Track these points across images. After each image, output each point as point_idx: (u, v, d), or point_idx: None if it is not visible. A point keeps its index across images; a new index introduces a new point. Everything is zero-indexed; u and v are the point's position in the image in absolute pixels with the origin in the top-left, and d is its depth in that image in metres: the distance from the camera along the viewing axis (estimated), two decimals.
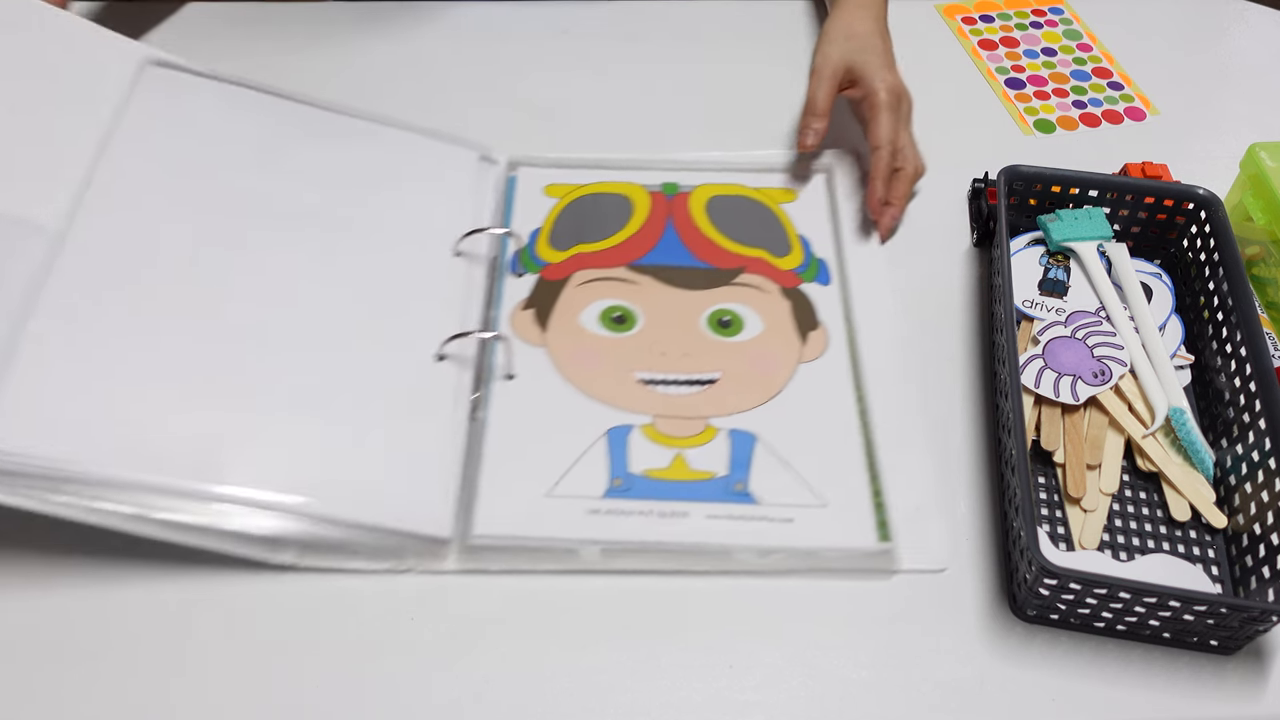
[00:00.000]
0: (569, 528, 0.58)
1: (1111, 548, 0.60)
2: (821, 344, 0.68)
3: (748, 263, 0.72)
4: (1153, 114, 0.87)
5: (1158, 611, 0.54)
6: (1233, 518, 0.61)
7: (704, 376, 0.66)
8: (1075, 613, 0.56)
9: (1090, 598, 0.54)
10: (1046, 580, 0.54)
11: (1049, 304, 0.69)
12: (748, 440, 0.63)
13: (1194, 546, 0.61)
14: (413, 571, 0.58)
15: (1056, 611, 0.56)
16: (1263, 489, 0.59)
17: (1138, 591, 0.53)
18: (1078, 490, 0.61)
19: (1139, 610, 0.54)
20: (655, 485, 0.60)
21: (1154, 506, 0.62)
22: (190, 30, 0.87)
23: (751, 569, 0.58)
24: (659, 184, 0.76)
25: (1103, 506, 0.61)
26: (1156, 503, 0.62)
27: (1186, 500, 0.62)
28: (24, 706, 0.53)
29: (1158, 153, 0.78)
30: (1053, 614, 0.56)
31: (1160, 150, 0.79)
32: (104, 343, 0.57)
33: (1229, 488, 0.62)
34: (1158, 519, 0.62)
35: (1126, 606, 0.54)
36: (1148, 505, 0.62)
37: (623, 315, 0.68)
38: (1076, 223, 0.71)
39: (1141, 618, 0.55)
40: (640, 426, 0.63)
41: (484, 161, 0.76)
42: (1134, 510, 0.62)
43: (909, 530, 0.60)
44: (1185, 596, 0.53)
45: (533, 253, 0.71)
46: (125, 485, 0.53)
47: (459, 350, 0.64)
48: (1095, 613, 0.55)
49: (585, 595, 0.57)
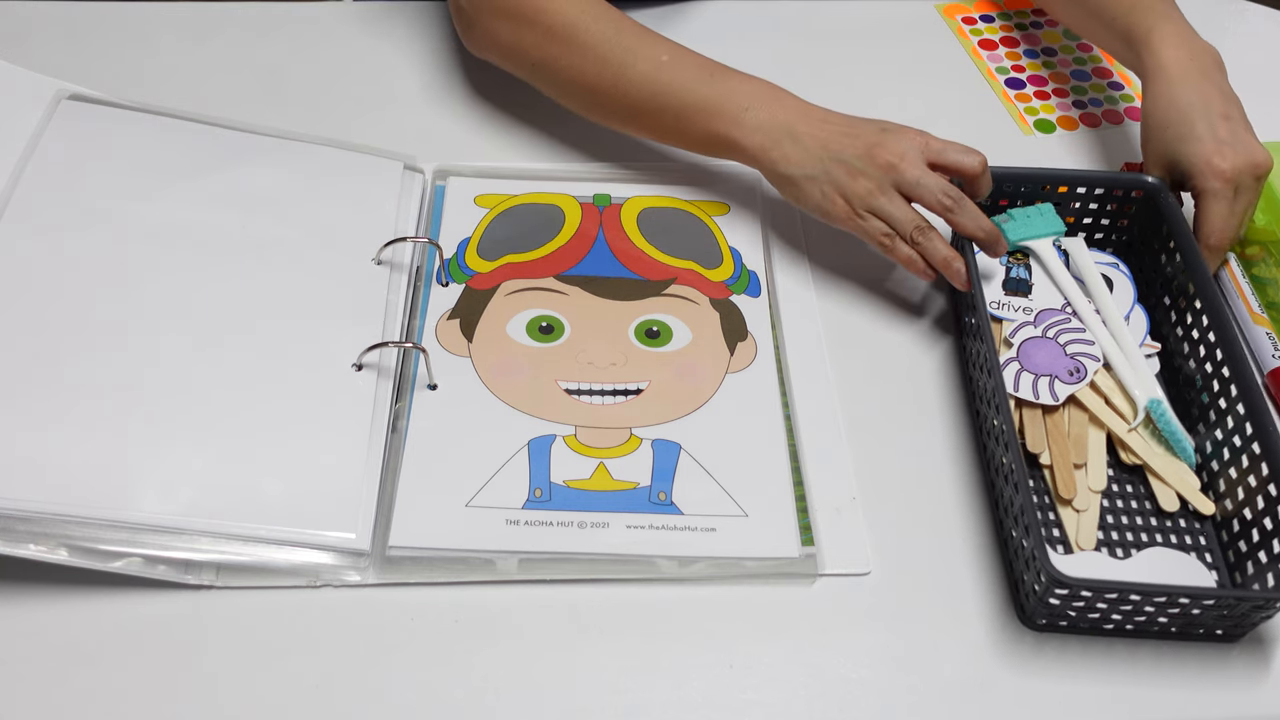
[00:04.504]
0: (487, 539, 0.58)
1: (1107, 545, 0.61)
2: (750, 355, 0.68)
3: (678, 274, 0.72)
4: None
5: (1167, 609, 0.55)
6: (1219, 503, 0.62)
7: (630, 386, 0.65)
8: (1085, 618, 0.56)
9: (1101, 602, 0.54)
10: (1057, 590, 0.54)
11: (1015, 304, 0.69)
12: (672, 450, 0.62)
13: (1185, 535, 0.62)
14: (330, 585, 0.57)
15: (1065, 618, 0.56)
16: (1248, 474, 0.59)
17: (1148, 593, 0.53)
18: (1068, 491, 0.61)
19: (1148, 610, 0.55)
20: (576, 496, 0.60)
21: (1141, 499, 0.63)
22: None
23: (674, 577, 0.58)
24: (591, 195, 0.76)
25: (1094, 505, 0.61)
26: (1144, 495, 0.63)
27: (1173, 490, 0.62)
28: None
29: None
30: (1061, 620, 0.57)
31: None
32: (12, 376, 0.58)
33: (1211, 473, 0.63)
34: (1146, 511, 0.62)
35: (1136, 607, 0.55)
36: (1135, 498, 0.63)
37: (550, 325, 0.68)
38: (1029, 220, 0.71)
39: (1150, 616, 0.56)
40: (563, 437, 0.62)
41: (409, 171, 0.75)
42: (1122, 505, 0.63)
43: (832, 536, 0.60)
44: (1195, 593, 0.54)
45: (461, 262, 0.71)
46: (36, 518, 0.53)
47: (378, 360, 0.64)
48: (1105, 616, 0.56)
49: (584, 595, 0.57)
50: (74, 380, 0.59)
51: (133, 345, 0.61)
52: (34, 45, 0.84)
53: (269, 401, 0.61)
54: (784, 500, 0.60)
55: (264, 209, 0.69)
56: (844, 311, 0.72)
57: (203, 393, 0.60)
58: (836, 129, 0.68)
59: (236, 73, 0.84)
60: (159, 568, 0.55)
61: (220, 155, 0.72)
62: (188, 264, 0.65)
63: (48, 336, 0.60)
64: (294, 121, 0.77)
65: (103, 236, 0.65)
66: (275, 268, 0.67)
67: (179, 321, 0.63)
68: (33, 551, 0.53)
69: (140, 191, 0.68)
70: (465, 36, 0.78)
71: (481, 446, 0.61)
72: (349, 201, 0.71)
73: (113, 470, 0.56)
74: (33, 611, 0.55)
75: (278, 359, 0.62)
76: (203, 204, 0.68)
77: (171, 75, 0.83)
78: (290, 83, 0.83)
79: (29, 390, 0.58)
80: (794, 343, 0.69)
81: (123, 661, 0.54)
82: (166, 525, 0.55)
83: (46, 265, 0.63)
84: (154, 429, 0.58)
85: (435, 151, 0.78)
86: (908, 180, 0.66)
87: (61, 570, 0.54)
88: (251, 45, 0.86)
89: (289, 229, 0.69)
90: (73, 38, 0.85)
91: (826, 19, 0.94)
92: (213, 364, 0.61)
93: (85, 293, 0.62)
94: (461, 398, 0.64)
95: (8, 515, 0.53)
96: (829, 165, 0.68)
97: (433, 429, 0.62)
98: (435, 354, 0.65)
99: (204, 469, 0.57)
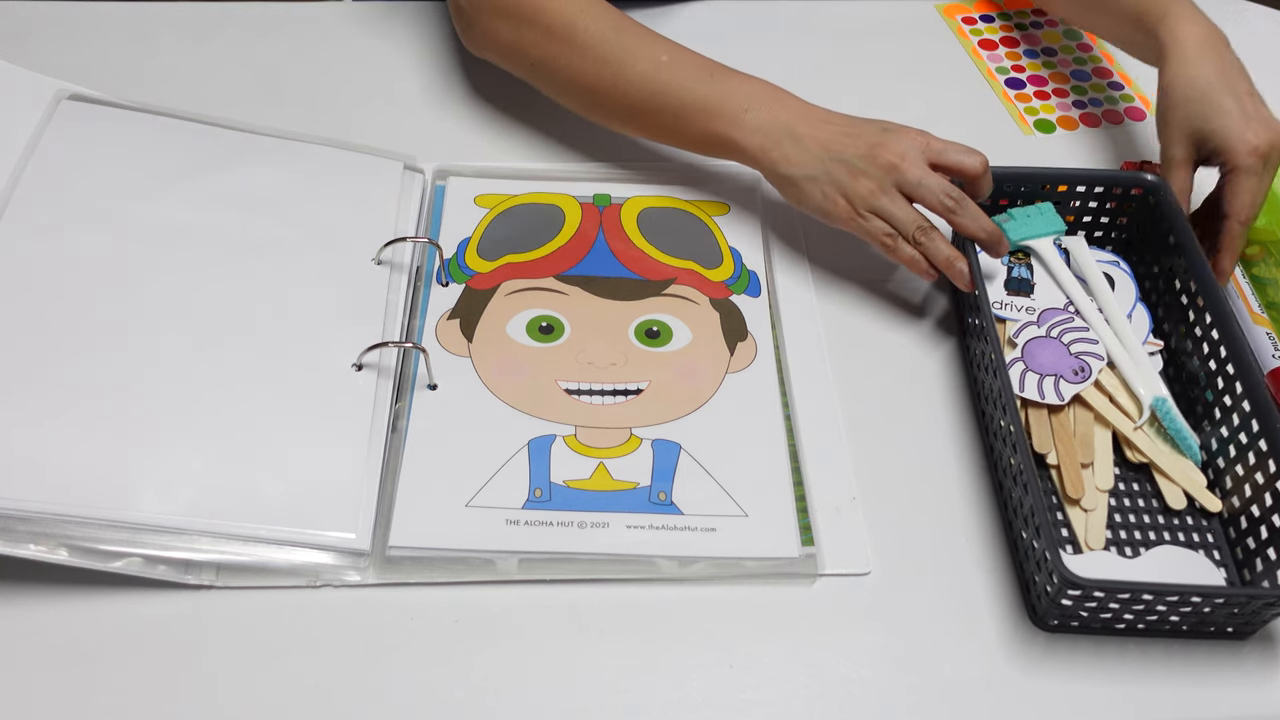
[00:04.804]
0: (487, 539, 0.58)
1: (1115, 544, 0.61)
2: (750, 355, 0.68)
3: (678, 274, 0.71)
4: (1153, 114, 0.86)
5: (1179, 608, 0.55)
6: (1226, 500, 0.62)
7: (630, 386, 0.65)
8: (1097, 618, 0.56)
9: (1113, 603, 0.54)
10: (1070, 591, 0.54)
11: (1018, 304, 0.69)
12: (672, 450, 0.62)
13: (1192, 533, 0.62)
14: (330, 585, 0.57)
15: (1077, 619, 0.56)
16: (1255, 470, 0.59)
17: (1161, 592, 0.53)
18: (1076, 491, 0.61)
19: (1160, 609, 0.55)
20: (576, 496, 0.60)
21: (1148, 497, 0.63)
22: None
23: (674, 577, 0.58)
24: (590, 195, 0.76)
25: (1101, 504, 0.61)
26: (1150, 493, 0.63)
27: (1180, 488, 0.62)
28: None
29: (1157, 152, 0.78)
30: (1073, 621, 0.57)
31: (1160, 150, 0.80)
32: (13, 375, 0.58)
33: (1218, 470, 0.63)
34: (1154, 509, 0.62)
35: (1149, 607, 0.55)
36: (1142, 496, 0.63)
37: (550, 325, 0.68)
38: (1030, 220, 0.71)
39: (1162, 615, 0.56)
40: (562, 437, 0.62)
41: (409, 171, 0.75)
42: (1129, 503, 0.63)
43: (832, 536, 0.60)
44: (1208, 592, 0.54)
45: (460, 262, 0.71)
46: (36, 518, 0.53)
47: (378, 360, 0.64)
48: (1117, 616, 0.56)
49: (584, 595, 0.57)
50: (74, 380, 0.59)
51: (133, 345, 0.61)
52: (34, 45, 0.84)
53: (269, 401, 0.60)
54: (784, 500, 0.60)
55: (264, 209, 0.69)
56: (844, 312, 0.72)
57: (203, 393, 0.60)
58: (837, 129, 0.68)
59: (236, 73, 0.84)
60: (159, 568, 0.55)
61: (220, 155, 0.72)
62: (188, 264, 0.65)
63: (48, 336, 0.60)
64: (294, 121, 0.77)
65: (103, 236, 0.65)
66: (275, 268, 0.67)
67: (179, 321, 0.63)
68: (33, 551, 0.53)
69: (140, 191, 0.68)
70: (465, 36, 0.78)
71: (481, 446, 0.61)
72: (349, 201, 0.71)
73: (113, 470, 0.56)
74: (33, 611, 0.55)
75: (278, 359, 0.62)
76: (203, 204, 0.68)
77: (171, 75, 0.83)
78: (290, 83, 0.83)
79: (29, 390, 0.58)
80: (794, 343, 0.69)
81: (123, 661, 0.54)
82: (166, 525, 0.55)
83: (46, 265, 0.63)
84: (154, 429, 0.58)
85: (435, 151, 0.78)
86: (909, 180, 0.66)
87: (61, 570, 0.54)
88: (251, 45, 0.86)
89: (289, 229, 0.69)
90: (73, 38, 0.85)
91: (826, 19, 0.94)
92: (213, 364, 0.61)
93: (85, 293, 0.62)
94: (461, 398, 0.63)
95: (8, 515, 0.53)
96: (830, 166, 0.67)
97: (433, 429, 0.62)
98: (435, 354, 0.65)
99: (204, 469, 0.57)
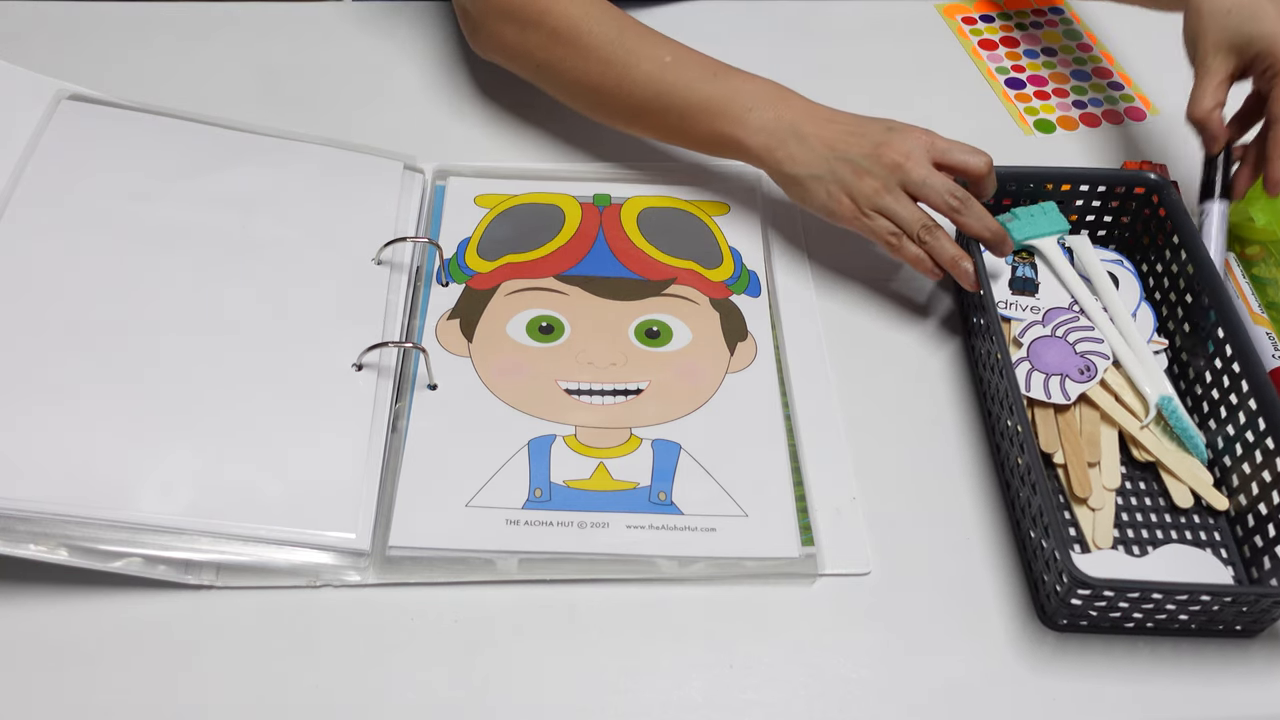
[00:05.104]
0: (487, 539, 0.58)
1: (1123, 543, 0.61)
2: (750, 355, 0.68)
3: (678, 274, 0.71)
4: (1153, 114, 0.87)
5: (1189, 606, 0.55)
6: (1233, 498, 0.62)
7: (630, 386, 0.65)
8: (1106, 617, 0.56)
9: (1123, 601, 0.55)
10: (1080, 591, 0.54)
11: (1023, 303, 0.69)
12: (672, 450, 0.62)
13: (1199, 531, 0.62)
14: (330, 585, 0.57)
15: (1087, 618, 0.56)
16: (1262, 469, 0.60)
17: (1170, 591, 0.53)
18: (1084, 490, 0.61)
19: (1169, 608, 0.55)
20: (576, 496, 0.60)
21: (1155, 496, 0.63)
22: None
23: (673, 577, 0.58)
24: (591, 195, 0.76)
25: (1109, 503, 0.61)
26: (1157, 492, 0.63)
27: (1187, 486, 0.62)
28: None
29: (1158, 152, 0.79)
30: (1082, 620, 0.57)
31: (1160, 150, 0.80)
32: (13, 375, 0.58)
33: (1224, 469, 0.63)
34: (1160, 508, 0.63)
35: (1158, 605, 0.55)
36: (1149, 495, 0.63)
37: (550, 325, 0.68)
38: (1033, 219, 0.71)
39: (1171, 614, 0.56)
40: (562, 437, 0.62)
41: (409, 171, 0.75)
42: (1136, 502, 0.63)
43: (832, 536, 0.60)
44: (1218, 590, 0.54)
45: (460, 262, 0.71)
46: (36, 518, 0.53)
47: (378, 360, 0.64)
48: (1126, 615, 0.56)
49: (584, 595, 0.57)
50: (74, 380, 0.59)
51: (132, 345, 0.61)
52: (34, 45, 0.84)
53: (269, 401, 0.60)
54: (784, 500, 0.60)
55: (264, 209, 0.69)
56: (847, 311, 0.72)
57: (203, 392, 0.60)
58: (842, 128, 0.68)
59: (236, 73, 0.84)
60: (159, 568, 0.55)
61: (220, 155, 0.72)
62: (187, 264, 0.65)
63: (48, 336, 0.60)
64: (294, 121, 0.77)
65: (103, 236, 0.65)
66: (275, 268, 0.67)
67: (179, 321, 0.63)
68: (33, 551, 0.53)
69: (140, 191, 0.68)
70: (472, 40, 0.78)
71: (481, 446, 0.61)
72: (349, 201, 0.71)
73: (113, 470, 0.56)
74: (33, 611, 0.55)
75: (278, 359, 0.62)
76: (203, 204, 0.68)
77: (171, 75, 0.83)
78: (290, 82, 0.83)
79: (29, 390, 0.58)
80: (794, 343, 0.69)
81: (123, 661, 0.54)
82: (166, 525, 0.55)
83: (46, 265, 0.63)
84: (154, 429, 0.58)
85: (435, 151, 0.78)
86: (914, 180, 0.66)
87: (61, 570, 0.54)
88: (251, 45, 0.86)
89: (289, 229, 0.69)
90: (73, 38, 0.85)
91: (826, 19, 0.94)
92: (212, 364, 0.61)
93: (85, 293, 0.62)
94: (461, 398, 0.63)
95: (8, 515, 0.53)
96: (835, 165, 0.67)
97: (433, 429, 0.62)
98: (435, 354, 0.65)
99: (204, 469, 0.57)
